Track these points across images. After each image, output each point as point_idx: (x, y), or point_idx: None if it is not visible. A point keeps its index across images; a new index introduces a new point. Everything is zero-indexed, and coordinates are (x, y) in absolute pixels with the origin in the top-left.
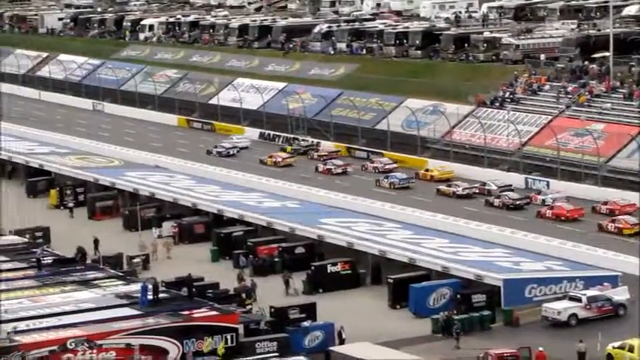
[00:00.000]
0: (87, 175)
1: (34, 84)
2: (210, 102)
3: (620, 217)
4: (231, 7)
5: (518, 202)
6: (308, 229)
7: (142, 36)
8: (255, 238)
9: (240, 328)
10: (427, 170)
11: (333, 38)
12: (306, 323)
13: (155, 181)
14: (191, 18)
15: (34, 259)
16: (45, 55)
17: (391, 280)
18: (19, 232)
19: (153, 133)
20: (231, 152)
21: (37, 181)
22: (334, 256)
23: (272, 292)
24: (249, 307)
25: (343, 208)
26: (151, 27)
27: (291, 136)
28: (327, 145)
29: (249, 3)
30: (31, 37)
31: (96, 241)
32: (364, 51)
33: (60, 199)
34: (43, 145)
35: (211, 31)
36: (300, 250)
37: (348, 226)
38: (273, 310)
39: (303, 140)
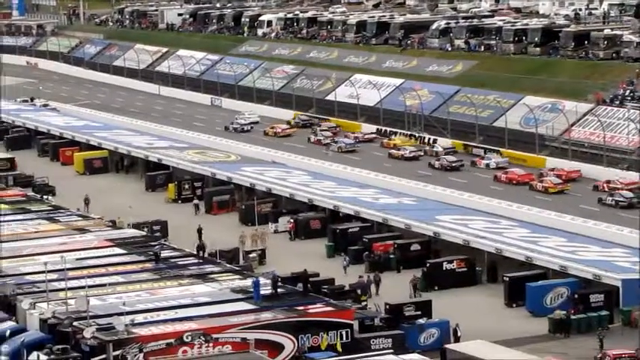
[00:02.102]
0: (204, 169)
1: (154, 79)
2: (327, 98)
3: (546, 177)
4: (349, 3)
5: (454, 165)
6: (424, 225)
7: (260, 32)
8: (371, 234)
9: (355, 324)
10: (390, 139)
11: (451, 35)
12: (421, 320)
13: (272, 176)
14: (309, 14)
15: (152, 253)
16: (164, 50)
17: (507, 279)
18: (137, 226)
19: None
20: (246, 128)
21: (156, 175)
22: (450, 254)
23: (387, 289)
24: (364, 303)
25: (460, 205)
26: (270, 23)
27: (408, 132)
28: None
29: None
30: (150, 32)
31: (199, 231)
32: (482, 48)
33: (178, 193)
34: (161, 139)
35: (329, 27)
36: (415, 247)
37: (464, 223)
38: (388, 306)
39: (303, 115)
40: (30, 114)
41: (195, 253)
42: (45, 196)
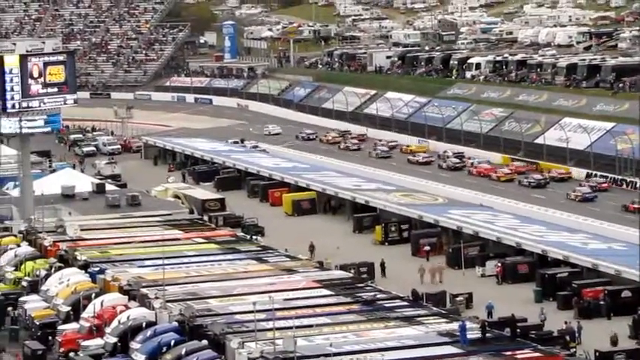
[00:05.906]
0: (411, 212)
1: (361, 120)
2: (536, 141)
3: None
4: (559, 45)
5: (457, 165)
6: (635, 272)
7: (468, 74)
8: (580, 279)
9: None
10: (408, 146)
11: None
12: None
13: (479, 219)
14: (518, 57)
15: (359, 295)
16: (373, 92)
17: None
18: (344, 267)
19: (474, 172)
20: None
21: (363, 217)
22: None
23: (597, 336)
24: (573, 349)
25: None
26: (478, 65)
27: (620, 177)
28: None
29: (578, 42)
30: (359, 75)
31: (382, 265)
32: None
33: (385, 235)
34: (369, 181)
35: (539, 70)
36: (626, 293)
37: None
38: (598, 354)
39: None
40: (240, 155)
41: (409, 298)
42: (254, 237)
